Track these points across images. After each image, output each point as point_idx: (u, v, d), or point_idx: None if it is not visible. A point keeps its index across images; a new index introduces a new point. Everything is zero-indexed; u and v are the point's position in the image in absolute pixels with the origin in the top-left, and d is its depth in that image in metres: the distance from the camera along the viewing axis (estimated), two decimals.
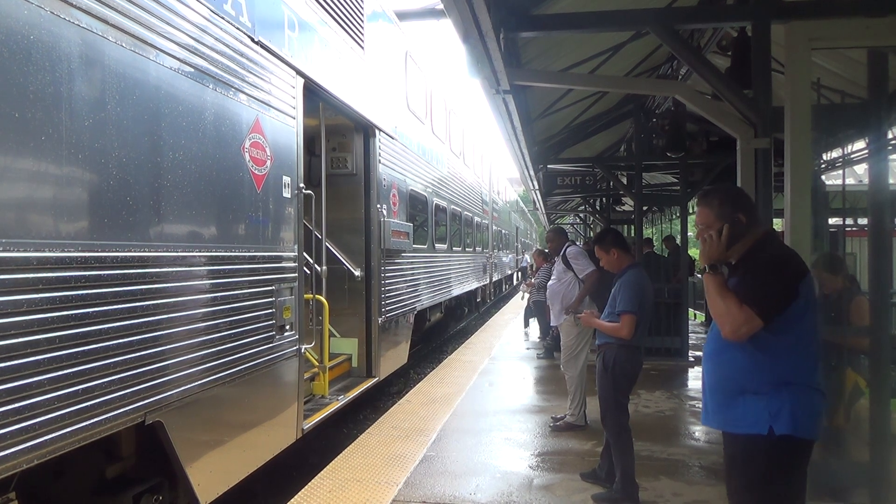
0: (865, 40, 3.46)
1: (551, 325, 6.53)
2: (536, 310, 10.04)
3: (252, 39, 3.93)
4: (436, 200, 9.45)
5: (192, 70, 3.32)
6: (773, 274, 2.18)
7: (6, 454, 2.23)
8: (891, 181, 3.77)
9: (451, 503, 3.89)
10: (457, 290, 11.34)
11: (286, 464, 5.09)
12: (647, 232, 21.80)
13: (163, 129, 3.09)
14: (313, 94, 4.99)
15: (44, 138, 2.42)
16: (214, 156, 3.51)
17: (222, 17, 3.60)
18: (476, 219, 13.82)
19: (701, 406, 2.45)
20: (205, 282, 3.42)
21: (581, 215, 24.60)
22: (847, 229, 4.46)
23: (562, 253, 5.72)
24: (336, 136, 6.77)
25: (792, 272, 2.18)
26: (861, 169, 10.30)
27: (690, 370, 8.05)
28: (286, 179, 4.35)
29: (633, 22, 4.71)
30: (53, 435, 2.43)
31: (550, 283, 5.92)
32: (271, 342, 4.10)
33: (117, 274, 2.77)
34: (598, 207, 16.36)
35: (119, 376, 2.76)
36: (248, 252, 3.86)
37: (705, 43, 6.97)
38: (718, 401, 2.28)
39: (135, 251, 2.88)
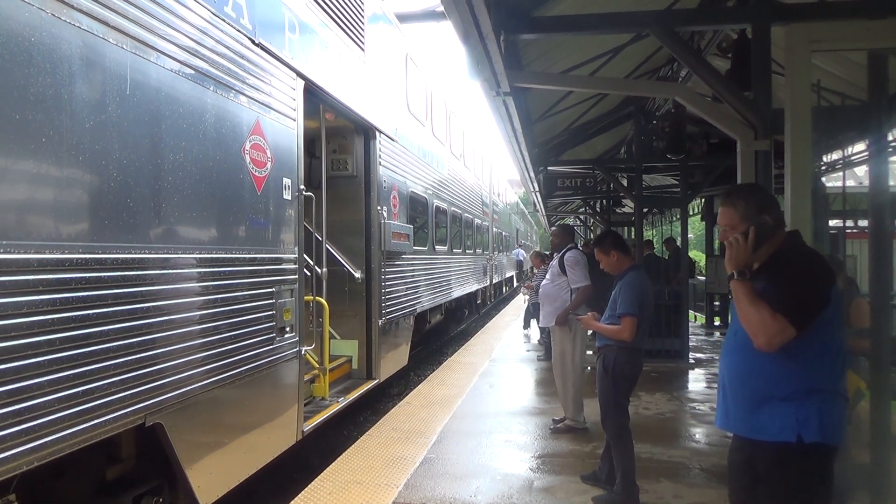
0: (865, 42, 3.46)
1: (540, 325, 6.47)
2: (536, 312, 10.03)
3: (252, 41, 3.94)
4: (436, 202, 9.46)
5: (193, 72, 3.32)
6: (806, 280, 2.10)
7: (7, 456, 2.23)
8: (891, 183, 3.76)
9: None
10: (457, 292, 11.34)
11: (286, 466, 5.09)
12: (648, 234, 21.77)
13: (163, 131, 3.09)
14: (314, 95, 5.00)
15: (44, 140, 2.42)
16: (215, 158, 3.51)
17: (223, 20, 3.61)
18: (476, 221, 13.82)
19: (709, 408, 2.43)
20: (205, 284, 3.42)
21: (581, 217, 24.59)
22: (847, 231, 4.46)
23: (560, 255, 5.66)
24: (336, 137, 6.78)
25: (824, 278, 2.11)
26: (861, 171, 10.31)
27: (691, 372, 8.05)
28: (286, 181, 4.35)
29: (633, 24, 4.72)
30: (54, 437, 2.43)
31: (543, 282, 5.83)
32: (271, 344, 4.10)
33: (118, 276, 2.77)
34: (598, 209, 16.36)
35: (119, 378, 2.76)
36: (249, 254, 3.86)
37: (705, 45, 6.98)
38: (742, 406, 2.21)
39: (135, 253, 2.88)
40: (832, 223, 4.90)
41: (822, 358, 2.11)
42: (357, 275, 6.34)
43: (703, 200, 13.46)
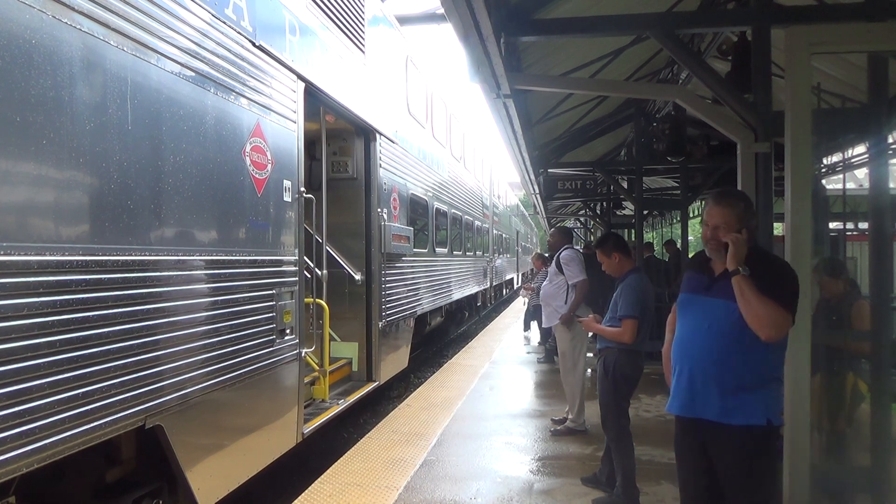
0: (865, 44, 3.46)
1: (542, 326, 6.52)
2: (537, 314, 10.03)
3: (253, 44, 3.94)
4: (436, 204, 9.46)
5: (193, 74, 3.33)
6: (791, 278, 2.34)
7: (7, 458, 2.23)
8: (891, 185, 3.77)
9: None
10: (457, 294, 11.33)
11: (286, 468, 5.08)
12: (648, 236, 21.75)
13: (164, 132, 3.09)
14: (314, 97, 5.00)
15: (45, 142, 2.42)
16: (215, 160, 3.51)
17: (223, 22, 3.61)
18: (476, 223, 13.82)
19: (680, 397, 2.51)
20: (205, 285, 3.42)
21: (582, 219, 24.59)
22: (847, 233, 4.46)
23: (557, 255, 5.70)
24: (337, 139, 6.79)
25: (797, 277, 2.36)
26: (861, 173, 10.32)
27: None
28: (287, 183, 4.35)
29: (633, 26, 4.71)
30: (54, 438, 2.43)
31: (543, 284, 5.90)
32: (272, 346, 4.09)
33: (118, 277, 2.77)
34: (598, 211, 16.35)
35: (120, 380, 2.75)
36: (249, 256, 3.86)
37: (705, 47, 6.98)
38: (714, 393, 2.36)
39: (135, 255, 2.88)
40: (832, 225, 4.90)
41: (783, 349, 2.39)
42: (357, 277, 6.34)
43: (703, 203, 13.44)
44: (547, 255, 8.45)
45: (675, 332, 2.72)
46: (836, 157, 8.31)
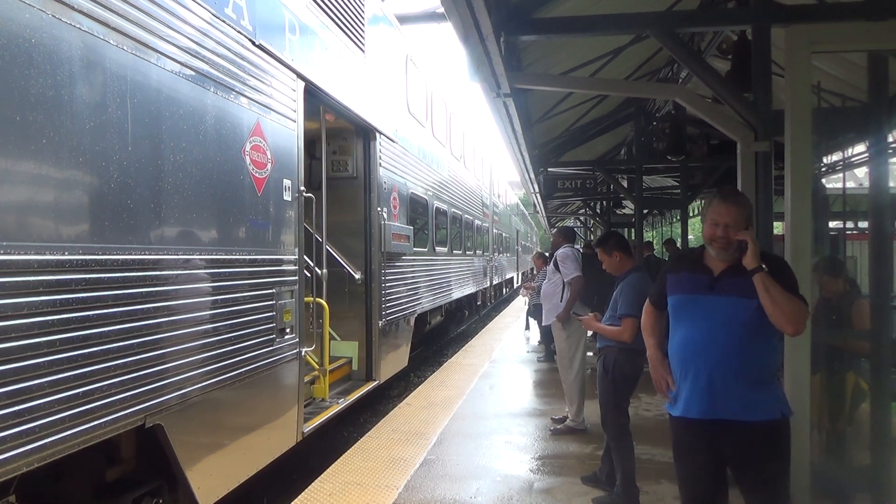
0: (866, 43, 3.46)
1: (542, 324, 6.56)
2: (537, 312, 10.03)
3: (253, 43, 3.94)
4: (436, 203, 9.46)
5: (193, 73, 3.32)
6: (792, 269, 2.43)
7: (6, 457, 2.23)
8: (891, 184, 3.77)
9: None
10: (457, 294, 11.33)
11: (286, 467, 5.08)
12: (648, 235, 21.77)
13: (164, 132, 3.09)
14: (314, 97, 5.00)
15: (45, 141, 2.42)
16: (215, 159, 3.51)
17: (223, 21, 3.61)
18: (476, 222, 13.82)
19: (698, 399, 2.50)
20: (205, 285, 3.42)
21: (581, 218, 24.61)
22: (847, 232, 4.46)
23: (554, 254, 5.73)
24: (337, 139, 6.78)
25: None
26: (861, 172, 10.32)
27: None
28: (287, 182, 4.35)
29: (633, 25, 4.71)
30: (54, 438, 2.43)
31: (543, 283, 5.96)
32: (271, 345, 4.09)
33: (118, 277, 2.77)
34: (598, 210, 16.38)
35: (119, 379, 2.75)
36: (249, 255, 3.86)
37: (706, 46, 6.99)
38: (736, 392, 2.36)
39: (135, 254, 2.88)
40: (832, 224, 4.90)
41: (782, 344, 2.53)
42: (357, 276, 6.34)
43: (703, 202, 13.46)
44: (548, 254, 8.46)
45: (657, 335, 2.74)
46: (836, 156, 8.31)
